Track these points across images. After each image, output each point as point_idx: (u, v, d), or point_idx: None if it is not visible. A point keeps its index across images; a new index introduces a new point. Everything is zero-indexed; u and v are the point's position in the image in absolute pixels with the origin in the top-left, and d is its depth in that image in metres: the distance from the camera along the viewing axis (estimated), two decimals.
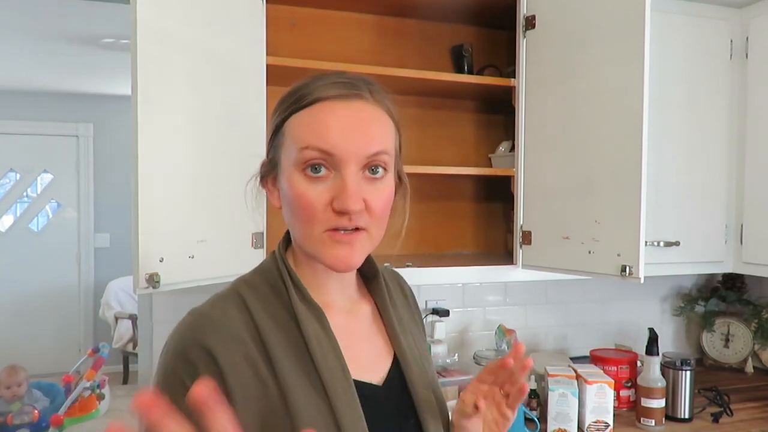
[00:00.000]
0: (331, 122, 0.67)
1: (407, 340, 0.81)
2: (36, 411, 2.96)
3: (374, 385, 0.74)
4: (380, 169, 0.70)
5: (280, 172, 0.72)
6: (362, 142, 0.67)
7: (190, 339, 0.67)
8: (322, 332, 0.71)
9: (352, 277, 0.80)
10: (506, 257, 1.76)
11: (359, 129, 0.68)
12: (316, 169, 0.67)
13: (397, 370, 0.78)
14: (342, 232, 0.68)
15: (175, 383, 0.65)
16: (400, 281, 0.94)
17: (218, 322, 0.69)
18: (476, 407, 0.74)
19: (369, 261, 0.82)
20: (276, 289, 0.73)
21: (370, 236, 0.71)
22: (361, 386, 0.71)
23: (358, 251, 0.70)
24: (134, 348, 4.17)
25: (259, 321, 0.70)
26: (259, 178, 0.77)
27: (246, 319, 0.70)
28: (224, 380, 0.65)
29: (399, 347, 0.79)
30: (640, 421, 1.63)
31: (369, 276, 0.84)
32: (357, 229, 0.69)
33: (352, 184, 0.67)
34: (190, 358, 0.66)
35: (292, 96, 0.72)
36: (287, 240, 0.78)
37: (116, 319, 4.26)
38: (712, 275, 2.24)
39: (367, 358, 0.76)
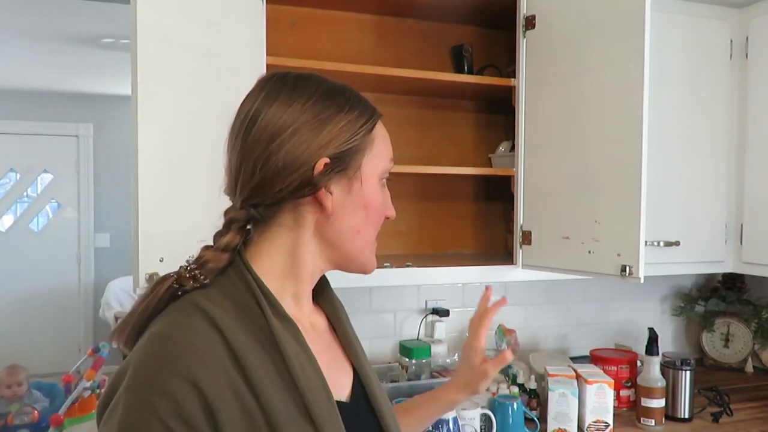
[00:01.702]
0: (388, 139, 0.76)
1: (362, 353, 0.79)
2: (36, 411, 2.97)
3: (344, 402, 0.72)
4: None
5: (356, 178, 0.71)
6: None
7: (167, 370, 0.57)
8: (301, 351, 0.66)
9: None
10: (506, 257, 1.76)
11: None
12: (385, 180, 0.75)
13: (359, 384, 0.76)
14: None
15: (152, 425, 0.55)
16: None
17: (197, 348, 0.59)
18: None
19: None
20: (243, 304, 0.65)
21: None
22: (337, 406, 0.68)
23: None
24: None
25: (234, 342, 0.61)
26: (321, 181, 0.68)
27: (221, 340, 0.61)
28: (214, 417, 0.57)
29: (357, 361, 0.77)
30: (640, 421, 1.64)
31: (319, 288, 0.80)
32: None
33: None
34: (171, 393, 0.56)
35: (362, 104, 0.73)
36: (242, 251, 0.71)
37: (116, 319, 4.26)
38: (712, 275, 2.24)
39: (333, 374, 0.72)
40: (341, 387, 0.73)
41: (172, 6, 1.19)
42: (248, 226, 0.72)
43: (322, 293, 0.81)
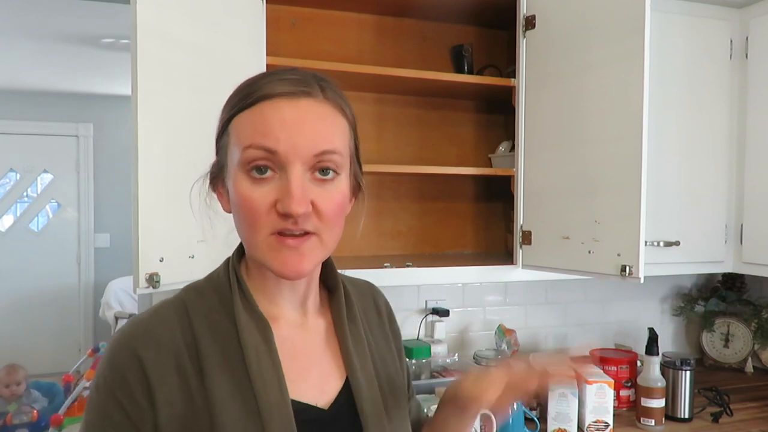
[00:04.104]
0: (275, 120, 0.63)
1: (363, 360, 0.74)
2: (35, 411, 2.97)
3: (318, 408, 0.69)
4: (330, 171, 0.65)
5: (227, 175, 0.68)
6: (308, 139, 0.63)
7: (123, 346, 0.65)
8: (263, 344, 0.66)
9: (309, 289, 0.74)
10: (506, 257, 1.76)
11: (305, 127, 0.63)
12: (260, 169, 0.63)
13: (347, 393, 0.71)
14: (289, 236, 0.63)
15: (105, 392, 0.64)
16: (375, 296, 0.86)
17: (153, 330, 0.66)
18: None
19: (331, 272, 0.77)
20: (222, 297, 0.69)
21: (321, 241, 0.65)
22: (302, 408, 0.66)
23: (307, 257, 0.64)
24: None
25: (198, 330, 0.66)
26: (208, 181, 0.72)
27: (184, 327, 0.66)
28: (151, 392, 0.62)
29: (351, 368, 0.72)
30: (640, 421, 1.63)
31: (331, 289, 0.78)
32: (306, 233, 0.64)
33: (296, 185, 0.62)
34: (120, 366, 0.63)
35: (238, 94, 0.67)
36: (242, 247, 0.73)
37: (116, 319, 4.26)
38: (712, 275, 2.24)
39: (314, 378, 0.70)
40: (322, 392, 0.70)
41: (172, 6, 1.19)
42: None
43: (333, 295, 0.77)
